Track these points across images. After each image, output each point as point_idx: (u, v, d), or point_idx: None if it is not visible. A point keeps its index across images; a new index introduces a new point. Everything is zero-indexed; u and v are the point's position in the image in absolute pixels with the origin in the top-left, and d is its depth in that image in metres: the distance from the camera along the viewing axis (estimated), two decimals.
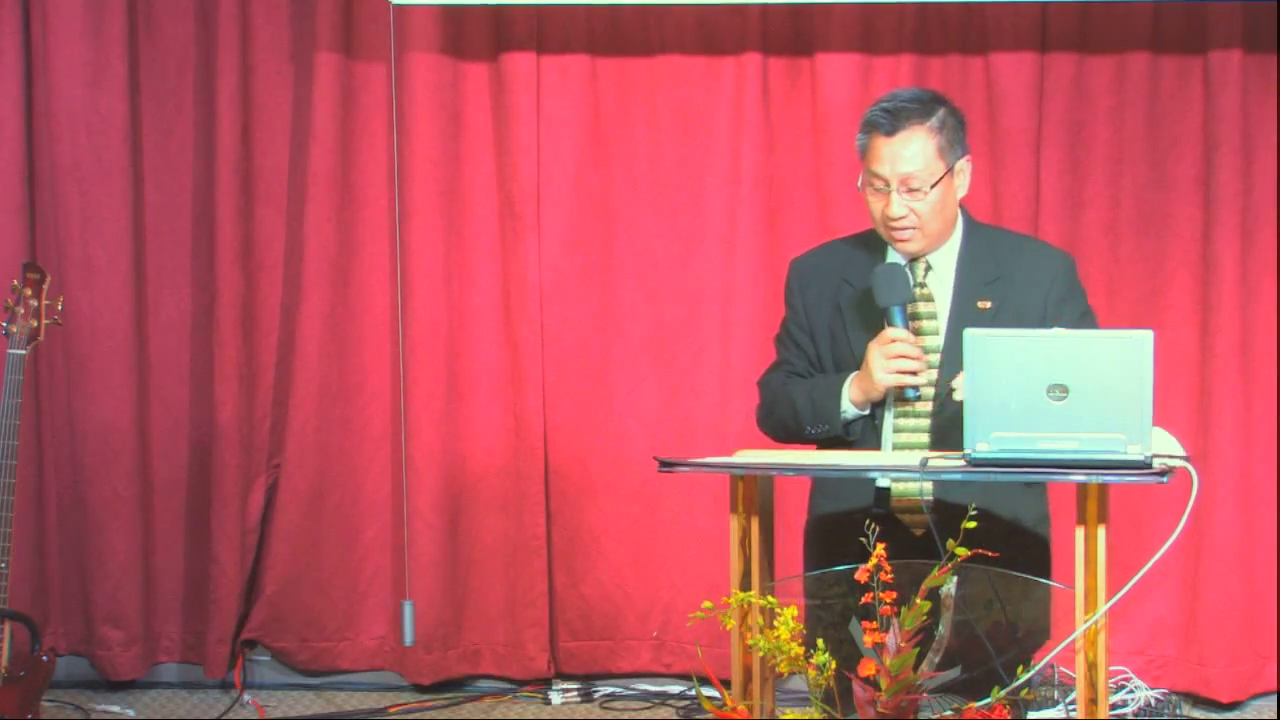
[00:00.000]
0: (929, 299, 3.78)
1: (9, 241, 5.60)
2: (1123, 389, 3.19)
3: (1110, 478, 3.21)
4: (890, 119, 3.72)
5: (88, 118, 5.63)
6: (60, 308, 4.86)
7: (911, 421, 3.74)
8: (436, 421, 5.67)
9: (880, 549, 3.18)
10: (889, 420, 3.75)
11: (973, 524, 3.20)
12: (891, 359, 3.67)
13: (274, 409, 5.72)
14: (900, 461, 3.49)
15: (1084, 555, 3.27)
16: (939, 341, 3.75)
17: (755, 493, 3.47)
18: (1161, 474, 3.21)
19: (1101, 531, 3.24)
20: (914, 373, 3.68)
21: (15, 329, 4.77)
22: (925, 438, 3.71)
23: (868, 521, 3.29)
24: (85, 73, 5.63)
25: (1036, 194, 5.49)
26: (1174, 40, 5.45)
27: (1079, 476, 3.22)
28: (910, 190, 3.70)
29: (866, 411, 3.73)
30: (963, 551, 3.17)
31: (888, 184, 3.71)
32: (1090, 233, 5.50)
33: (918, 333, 3.75)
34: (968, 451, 3.25)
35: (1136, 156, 5.48)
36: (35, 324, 4.79)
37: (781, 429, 3.85)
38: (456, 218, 5.68)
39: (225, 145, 5.64)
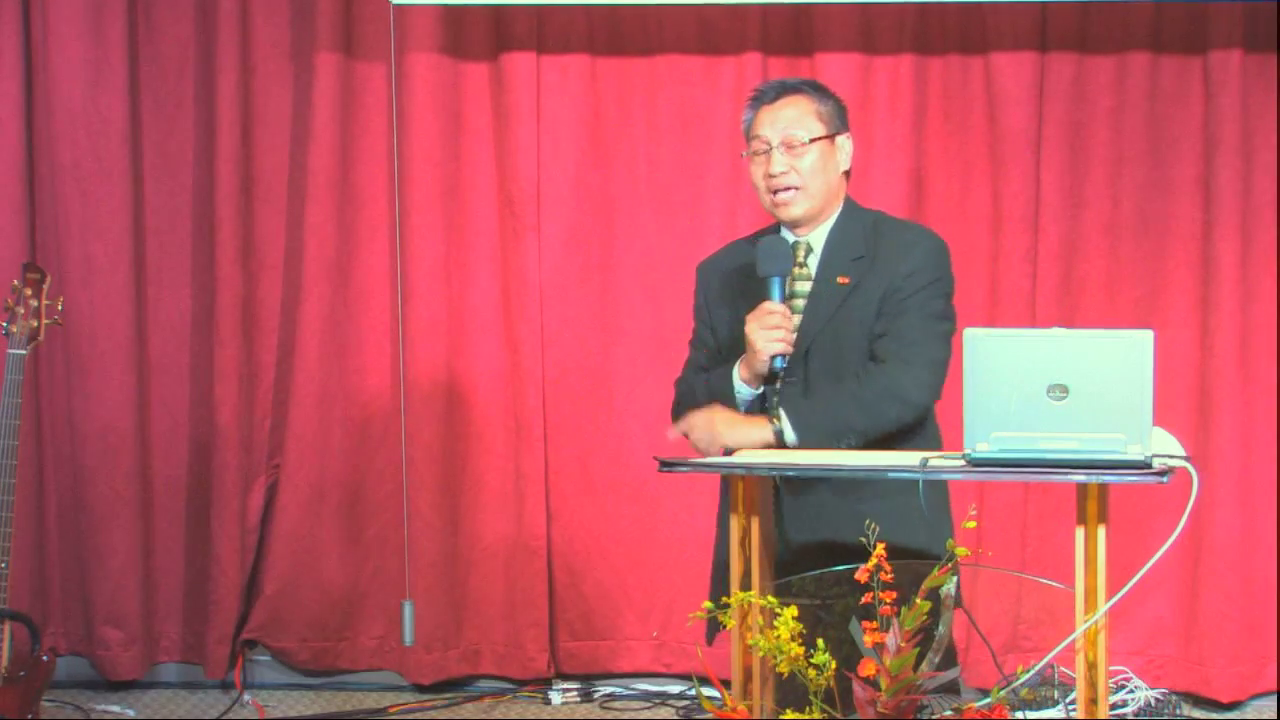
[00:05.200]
0: (807, 278, 3.84)
1: (9, 241, 5.60)
2: (1123, 389, 3.19)
3: (1110, 478, 3.21)
4: (774, 89, 3.89)
5: (88, 118, 5.63)
6: (60, 308, 4.86)
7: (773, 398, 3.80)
8: (436, 421, 5.67)
9: (880, 549, 3.18)
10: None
11: (973, 524, 3.20)
12: (768, 330, 3.73)
13: (274, 409, 5.72)
14: (900, 461, 3.49)
15: (1084, 555, 3.26)
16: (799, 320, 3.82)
17: (755, 493, 3.47)
18: (1161, 474, 3.21)
19: (1101, 531, 3.24)
20: (786, 342, 3.75)
21: (15, 329, 4.77)
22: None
23: (868, 522, 3.29)
24: (85, 73, 5.63)
25: (1036, 194, 5.49)
26: (1174, 40, 5.45)
27: (1079, 476, 3.21)
28: (790, 148, 3.81)
29: (759, 390, 3.79)
30: (963, 551, 3.17)
31: (768, 144, 3.82)
32: (1090, 233, 5.50)
33: (792, 310, 3.80)
34: (968, 451, 3.25)
35: (1136, 156, 5.48)
36: (35, 324, 4.79)
37: None
38: (456, 218, 5.68)
39: (225, 145, 5.64)
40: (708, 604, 3.35)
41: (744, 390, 3.79)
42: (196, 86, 5.69)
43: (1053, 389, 3.21)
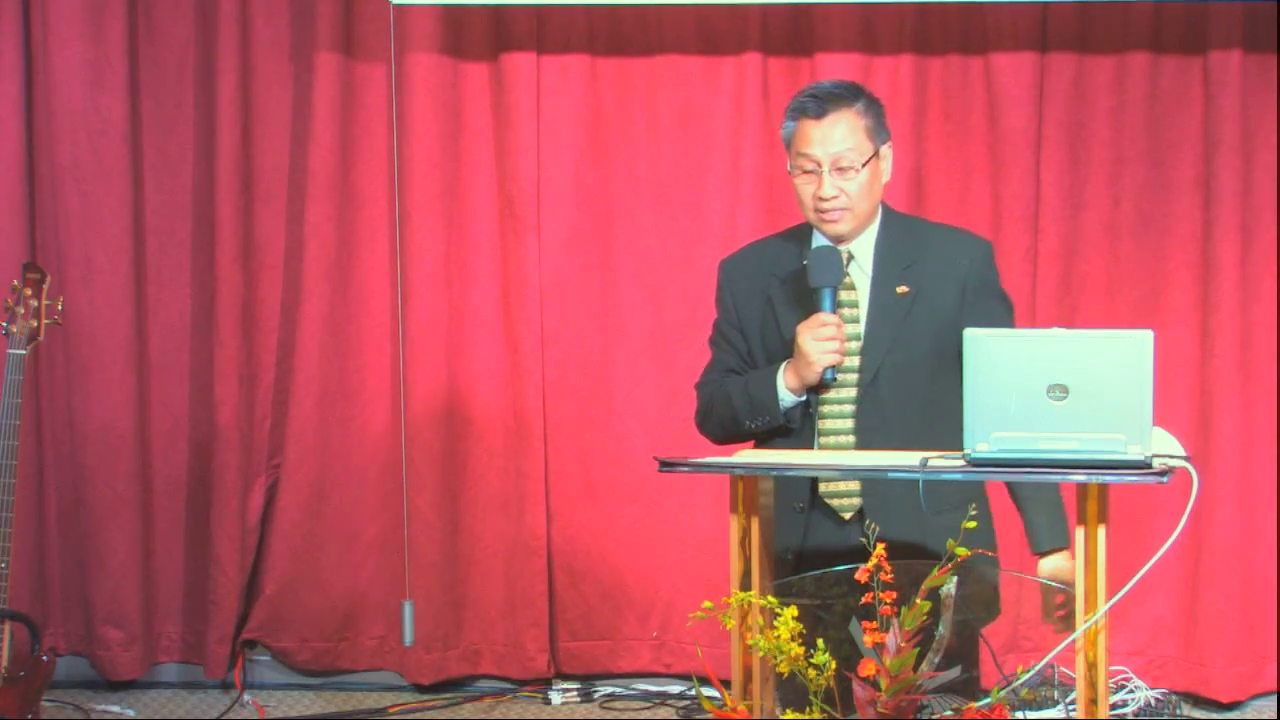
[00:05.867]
0: (850, 287, 3.82)
1: (9, 241, 5.60)
2: (1123, 389, 3.19)
3: (1110, 478, 3.21)
4: (818, 103, 3.79)
5: (88, 118, 5.63)
6: (60, 308, 4.86)
7: (835, 408, 3.77)
8: (436, 421, 5.67)
9: (880, 549, 3.18)
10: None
11: (973, 524, 3.20)
12: (821, 341, 3.71)
13: (274, 409, 5.72)
14: (898, 461, 3.49)
15: (1084, 555, 3.26)
16: (859, 329, 3.79)
17: (755, 493, 3.47)
18: (1161, 474, 3.21)
19: (1101, 531, 3.24)
20: (839, 354, 3.74)
21: (15, 329, 4.77)
22: (849, 423, 3.76)
23: (868, 522, 3.29)
24: (85, 73, 5.63)
25: (1036, 194, 5.49)
26: (1174, 40, 5.45)
27: (1079, 476, 3.21)
28: (840, 170, 3.76)
29: (803, 398, 3.77)
30: (963, 552, 3.17)
31: (819, 165, 3.77)
32: (1090, 233, 5.50)
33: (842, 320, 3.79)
34: (968, 451, 3.25)
35: (1136, 156, 5.48)
36: (35, 324, 4.79)
37: (720, 428, 3.90)
38: (456, 218, 5.69)
39: (225, 145, 5.64)
40: (708, 604, 3.35)
41: (788, 398, 3.75)
42: (196, 86, 5.69)
43: (1053, 389, 3.21)
